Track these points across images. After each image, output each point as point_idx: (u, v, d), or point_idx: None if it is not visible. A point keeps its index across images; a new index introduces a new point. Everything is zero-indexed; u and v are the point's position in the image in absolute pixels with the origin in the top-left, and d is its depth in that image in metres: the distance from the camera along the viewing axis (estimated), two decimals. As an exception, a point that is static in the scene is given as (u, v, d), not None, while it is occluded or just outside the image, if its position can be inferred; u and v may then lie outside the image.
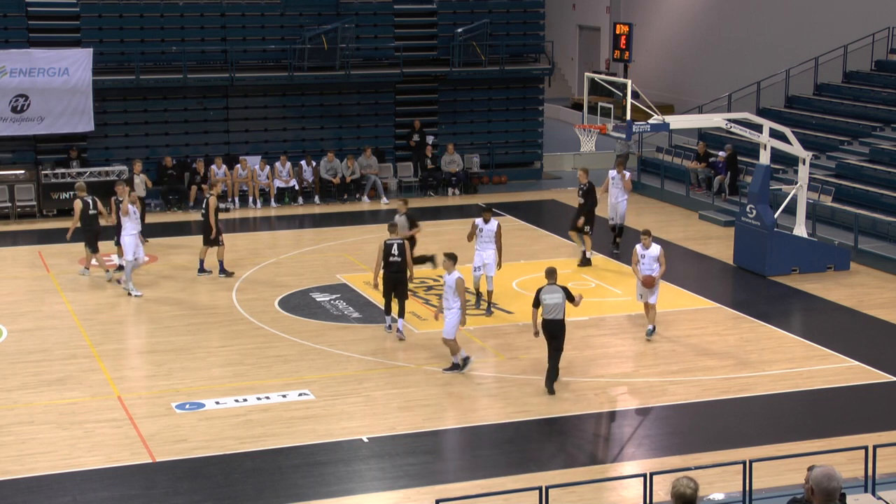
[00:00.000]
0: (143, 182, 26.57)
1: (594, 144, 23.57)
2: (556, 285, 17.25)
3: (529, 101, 34.35)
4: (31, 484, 14.19)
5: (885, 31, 32.03)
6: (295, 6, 31.59)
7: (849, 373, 18.11)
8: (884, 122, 29.76)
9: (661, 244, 20.06)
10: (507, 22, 33.63)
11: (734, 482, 12.99)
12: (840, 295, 22.29)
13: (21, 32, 29.74)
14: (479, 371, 17.73)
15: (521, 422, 16.16)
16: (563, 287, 17.26)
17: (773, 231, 23.54)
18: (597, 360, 18.88)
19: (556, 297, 17.07)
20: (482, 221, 20.91)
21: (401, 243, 19.51)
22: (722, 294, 22.63)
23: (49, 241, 26.60)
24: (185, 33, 30.86)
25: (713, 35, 39.71)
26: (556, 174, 34.68)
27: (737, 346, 19.32)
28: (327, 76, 31.34)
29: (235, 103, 31.52)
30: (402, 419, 16.14)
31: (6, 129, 28.83)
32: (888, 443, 13.61)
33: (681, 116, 29.88)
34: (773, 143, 23.63)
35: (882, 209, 25.76)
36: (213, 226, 22.75)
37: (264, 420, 16.06)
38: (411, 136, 32.43)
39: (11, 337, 19.67)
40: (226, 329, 20.05)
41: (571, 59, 47.15)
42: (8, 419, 16.08)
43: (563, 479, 14.05)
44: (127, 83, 30.06)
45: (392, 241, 19.46)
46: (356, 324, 20.43)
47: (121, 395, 16.96)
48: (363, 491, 14.17)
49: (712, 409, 16.74)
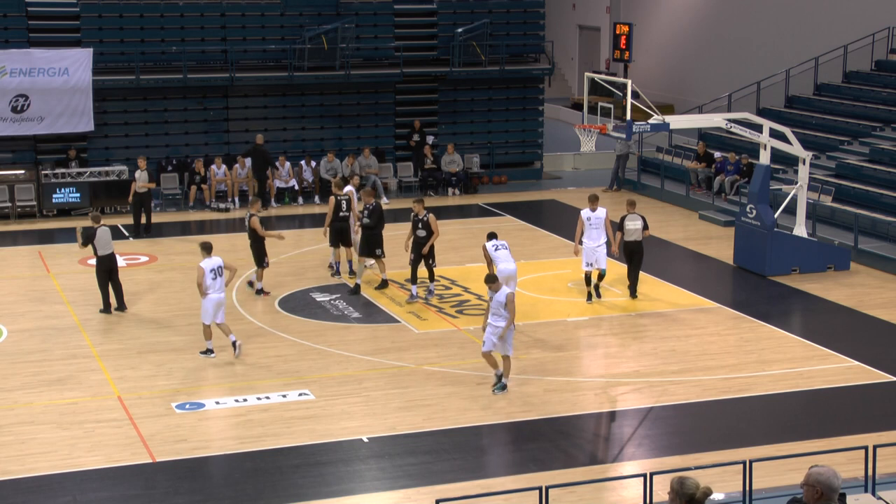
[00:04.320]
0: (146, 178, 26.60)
1: (594, 144, 23.58)
2: (637, 214, 21.57)
3: (529, 101, 34.36)
4: (31, 484, 14.18)
5: (885, 31, 32.04)
6: (295, 6, 31.60)
7: (849, 373, 18.11)
8: (884, 122, 29.77)
9: (661, 244, 20.09)
10: (507, 22, 33.64)
11: (734, 482, 12.98)
12: (840, 295, 22.29)
13: (21, 32, 29.75)
14: (480, 371, 17.72)
15: (521, 422, 16.16)
16: (643, 216, 21.66)
17: (773, 231, 23.54)
18: (597, 360, 18.89)
19: (636, 223, 21.49)
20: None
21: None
22: (722, 294, 22.62)
23: (49, 241, 26.63)
24: (185, 33, 30.87)
25: (713, 35, 39.72)
26: (556, 174, 34.70)
27: (737, 346, 19.32)
28: (327, 76, 31.35)
29: (235, 103, 31.54)
30: (402, 419, 16.14)
31: (6, 129, 28.84)
32: (888, 443, 13.62)
33: (681, 116, 29.88)
34: (773, 143, 23.63)
35: (882, 209, 25.76)
36: (264, 244, 21.62)
37: (264, 420, 16.06)
38: (411, 136, 32.45)
39: (11, 337, 19.67)
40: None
41: (571, 59, 47.17)
42: (8, 419, 16.08)
43: (563, 479, 14.04)
44: (127, 83, 30.07)
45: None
46: (356, 324, 20.44)
47: (121, 395, 16.96)
48: (363, 491, 14.17)
49: (712, 409, 16.74)
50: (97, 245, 20.37)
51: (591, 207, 21.53)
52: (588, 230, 21.37)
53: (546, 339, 19.53)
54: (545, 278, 23.24)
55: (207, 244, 18.77)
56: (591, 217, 21.39)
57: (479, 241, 22.12)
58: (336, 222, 22.66)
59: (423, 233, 21.54)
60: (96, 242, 20.35)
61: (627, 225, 21.77)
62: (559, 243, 26.24)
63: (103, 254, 20.47)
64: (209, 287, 18.31)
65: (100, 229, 20.40)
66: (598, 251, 21.26)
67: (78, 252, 23.95)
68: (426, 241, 21.54)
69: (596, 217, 21.38)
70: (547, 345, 19.27)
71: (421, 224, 21.56)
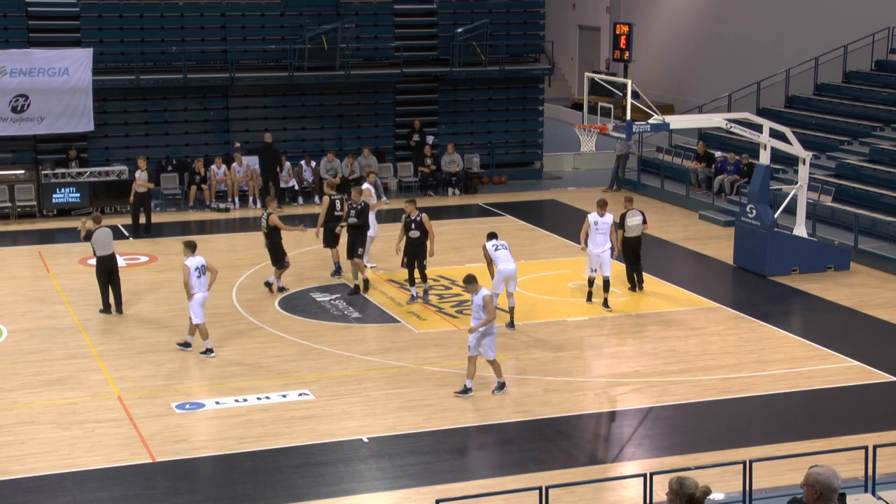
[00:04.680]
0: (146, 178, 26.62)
1: (594, 144, 23.57)
2: (636, 209, 22.00)
3: (529, 101, 34.36)
4: (31, 484, 14.18)
5: (885, 31, 32.04)
6: (295, 6, 31.60)
7: (849, 373, 18.11)
8: (884, 122, 29.76)
9: (660, 244, 20.10)
10: (507, 22, 33.64)
11: (734, 482, 12.98)
12: (840, 295, 22.29)
13: (21, 32, 29.75)
14: (480, 371, 17.71)
15: (521, 422, 16.16)
16: (641, 211, 22.16)
17: (773, 231, 23.54)
18: (597, 360, 18.89)
19: (637, 219, 21.90)
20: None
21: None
22: (722, 294, 22.62)
23: (49, 241, 26.62)
24: (185, 33, 30.87)
25: (713, 35, 39.72)
26: (556, 174, 34.70)
27: (737, 346, 19.32)
28: (327, 76, 31.35)
29: (235, 103, 31.53)
30: (402, 419, 16.14)
31: (6, 129, 28.83)
32: (888, 443, 13.62)
33: (681, 116, 29.88)
34: (773, 143, 23.63)
35: (882, 209, 25.76)
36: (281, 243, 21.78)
37: (264, 420, 16.06)
38: (411, 136, 32.45)
39: (11, 337, 19.66)
40: (226, 329, 20.04)
41: (571, 59, 47.17)
42: (8, 419, 16.07)
43: (563, 479, 14.04)
44: (127, 83, 30.06)
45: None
46: (356, 324, 20.44)
47: (121, 395, 16.96)
48: (363, 491, 14.17)
49: (712, 409, 16.74)
50: (95, 245, 20.34)
51: (600, 212, 21.10)
52: (593, 234, 21.01)
53: (546, 339, 19.53)
54: (545, 278, 23.24)
55: (192, 242, 18.85)
56: (598, 222, 21.01)
57: (479, 241, 22.11)
58: (330, 223, 22.64)
59: (416, 233, 21.29)
60: (94, 243, 20.32)
61: (629, 221, 21.81)
62: (559, 243, 26.24)
63: (102, 254, 20.44)
64: (194, 286, 18.34)
65: (99, 230, 20.35)
66: (602, 256, 20.95)
67: (78, 252, 23.98)
68: (419, 242, 21.26)
69: (603, 223, 20.99)
70: (547, 345, 19.27)
71: (414, 225, 21.29)
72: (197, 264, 18.44)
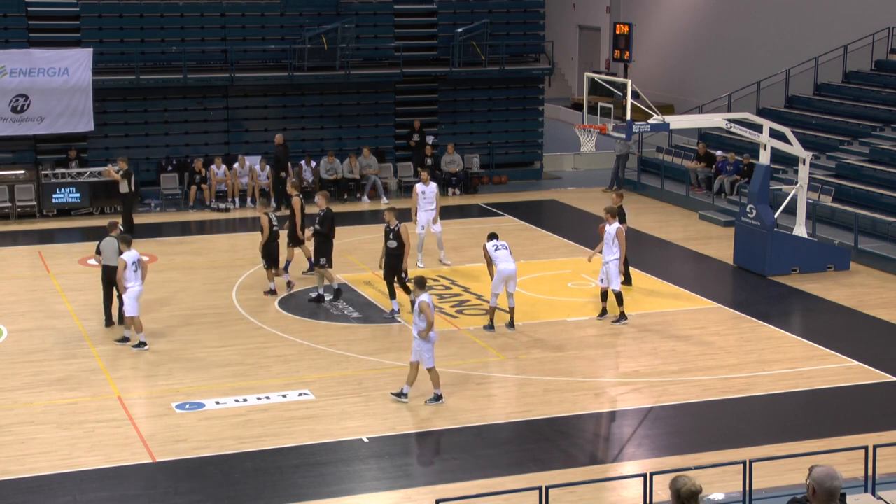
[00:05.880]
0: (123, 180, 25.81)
1: (594, 144, 23.57)
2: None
3: (529, 101, 34.36)
4: (31, 484, 14.19)
5: (885, 31, 32.04)
6: (295, 6, 31.60)
7: (849, 373, 18.12)
8: (884, 122, 29.76)
9: (661, 244, 20.07)
10: (507, 22, 33.64)
11: (734, 482, 12.99)
12: (840, 295, 22.29)
13: (21, 32, 29.75)
14: (480, 371, 17.73)
15: (521, 422, 16.16)
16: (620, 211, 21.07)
17: (773, 231, 23.54)
18: (597, 360, 18.88)
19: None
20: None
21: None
22: (722, 294, 22.62)
23: (49, 241, 26.62)
24: (185, 33, 30.87)
25: (713, 35, 39.72)
26: (556, 174, 34.70)
27: (737, 346, 19.32)
28: (327, 76, 31.35)
29: (235, 103, 31.53)
30: (402, 419, 16.14)
31: (6, 129, 28.82)
32: (888, 443, 13.61)
33: (681, 116, 29.88)
34: (773, 143, 23.63)
35: (882, 209, 25.76)
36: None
37: (264, 420, 16.06)
38: (411, 136, 32.44)
39: (11, 337, 19.66)
40: (226, 329, 20.05)
41: (571, 59, 47.17)
42: (8, 419, 16.07)
43: (563, 479, 14.04)
44: (127, 83, 30.06)
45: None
46: (356, 324, 20.44)
47: (121, 395, 16.96)
48: (363, 491, 14.17)
49: (712, 409, 16.74)
50: (103, 254, 19.98)
51: (608, 220, 20.41)
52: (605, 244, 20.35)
53: (546, 339, 19.53)
54: (545, 278, 23.24)
55: (127, 237, 19.15)
56: (608, 231, 20.37)
57: (479, 241, 22.12)
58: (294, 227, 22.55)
59: (393, 244, 20.34)
60: (101, 252, 20.05)
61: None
62: (559, 243, 26.25)
63: (107, 264, 20.04)
64: (129, 280, 18.61)
65: (108, 239, 19.89)
66: (609, 266, 20.18)
67: (78, 252, 23.99)
68: (397, 253, 20.37)
69: (608, 233, 20.36)
70: (547, 345, 19.27)
71: (392, 234, 20.36)
72: (133, 258, 18.70)
